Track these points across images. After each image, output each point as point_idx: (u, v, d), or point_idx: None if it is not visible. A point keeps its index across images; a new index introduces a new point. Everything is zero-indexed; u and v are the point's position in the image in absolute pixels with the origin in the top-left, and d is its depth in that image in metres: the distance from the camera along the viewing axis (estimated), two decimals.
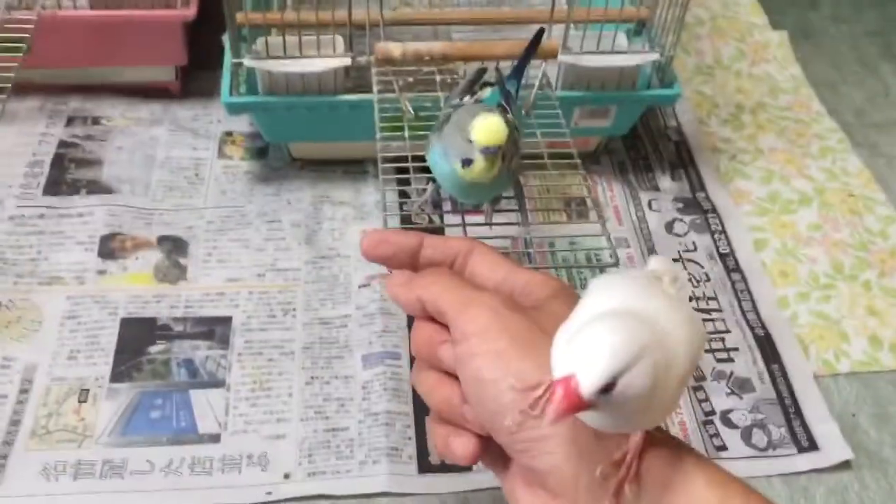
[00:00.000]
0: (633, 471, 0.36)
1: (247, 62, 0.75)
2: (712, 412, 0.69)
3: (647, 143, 0.92)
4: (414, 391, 0.68)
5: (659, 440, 0.37)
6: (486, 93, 0.63)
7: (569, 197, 0.84)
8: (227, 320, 0.72)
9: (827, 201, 0.87)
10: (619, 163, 0.90)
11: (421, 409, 0.67)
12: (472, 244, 0.44)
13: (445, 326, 0.41)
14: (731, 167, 0.90)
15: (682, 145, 0.92)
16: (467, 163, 0.55)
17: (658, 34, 0.79)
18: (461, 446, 0.41)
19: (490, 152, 0.54)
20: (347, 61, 0.75)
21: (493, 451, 0.41)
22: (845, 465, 0.66)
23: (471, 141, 0.54)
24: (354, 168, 0.87)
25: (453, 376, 0.41)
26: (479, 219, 0.65)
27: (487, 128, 0.54)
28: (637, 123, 0.88)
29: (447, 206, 0.80)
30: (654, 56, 0.78)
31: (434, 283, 0.41)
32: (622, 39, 0.82)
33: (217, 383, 0.68)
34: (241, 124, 0.90)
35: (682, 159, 0.91)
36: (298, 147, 0.86)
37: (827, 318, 0.76)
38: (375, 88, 0.72)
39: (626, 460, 0.36)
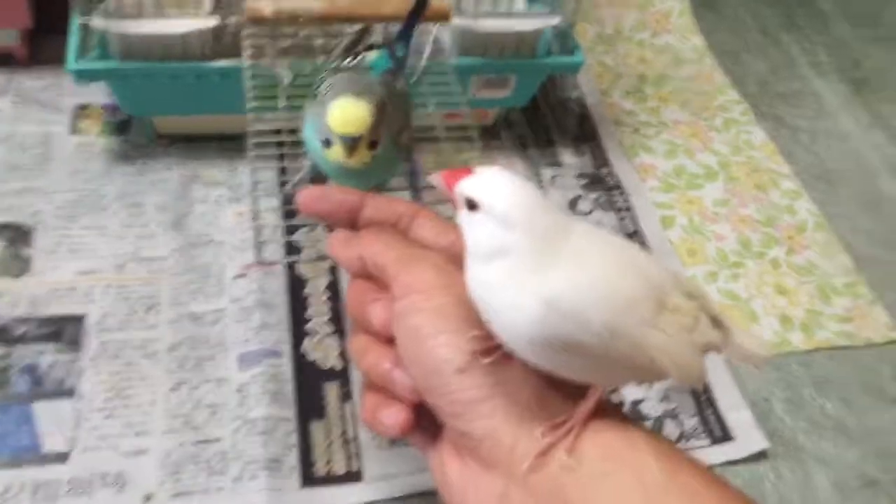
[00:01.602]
0: (573, 435, 0.35)
1: (95, 22, 0.65)
2: (621, 403, 0.64)
3: (549, 116, 0.87)
4: (298, 393, 0.61)
5: (608, 412, 0.36)
6: (372, 56, 0.56)
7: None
8: (78, 319, 0.63)
9: (733, 175, 0.83)
10: (519, 136, 0.84)
11: (305, 412, 0.60)
12: (417, 208, 0.43)
13: (384, 287, 0.39)
14: (635, 141, 0.85)
15: (585, 118, 0.87)
16: (326, 143, 0.48)
17: None
18: (390, 416, 0.39)
19: (347, 141, 0.47)
20: (213, 22, 0.67)
21: (421, 425, 0.39)
22: (760, 456, 0.62)
23: (327, 122, 0.47)
24: (230, 144, 0.78)
25: (385, 340, 0.39)
26: None
27: (343, 115, 0.47)
28: (537, 95, 0.82)
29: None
30: (556, 20, 0.72)
31: (376, 240, 0.40)
32: (520, 3, 0.76)
33: (65, 393, 0.59)
34: (99, 96, 0.80)
35: (584, 133, 0.85)
36: (164, 121, 0.76)
37: (736, 297, 0.72)
38: (246, 53, 0.64)
39: (567, 425, 0.35)
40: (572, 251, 0.33)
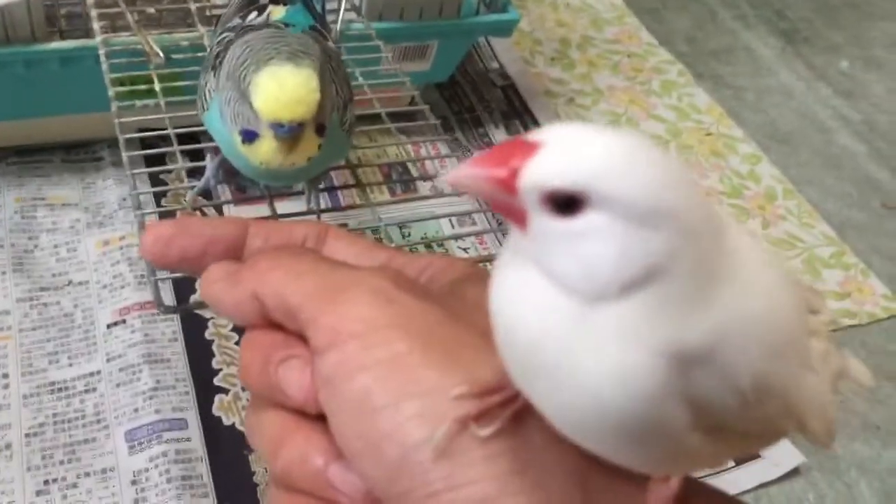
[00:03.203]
0: None
1: None
2: None
3: (470, 93, 0.74)
4: (216, 474, 0.46)
5: (701, 492, 0.23)
6: (280, 12, 0.41)
7: (387, 165, 0.64)
8: None
9: (685, 143, 0.73)
10: (440, 118, 0.70)
11: (229, 499, 0.45)
12: (324, 226, 0.29)
13: (295, 336, 0.25)
14: (571, 112, 0.73)
15: (511, 90, 0.75)
16: (248, 137, 0.33)
17: None
18: None
19: (285, 132, 0.32)
20: None
21: None
22: (794, 472, 0.52)
23: (253, 106, 0.32)
24: (80, 154, 0.61)
25: (309, 417, 0.25)
26: (294, 206, 0.43)
27: (282, 92, 0.31)
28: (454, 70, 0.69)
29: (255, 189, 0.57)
30: None
31: (277, 267, 0.26)
32: None
33: None
34: None
35: (514, 107, 0.73)
36: None
37: None
38: (97, 25, 0.47)
39: None
40: (732, 263, 0.20)
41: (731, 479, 0.51)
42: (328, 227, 0.29)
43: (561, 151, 0.19)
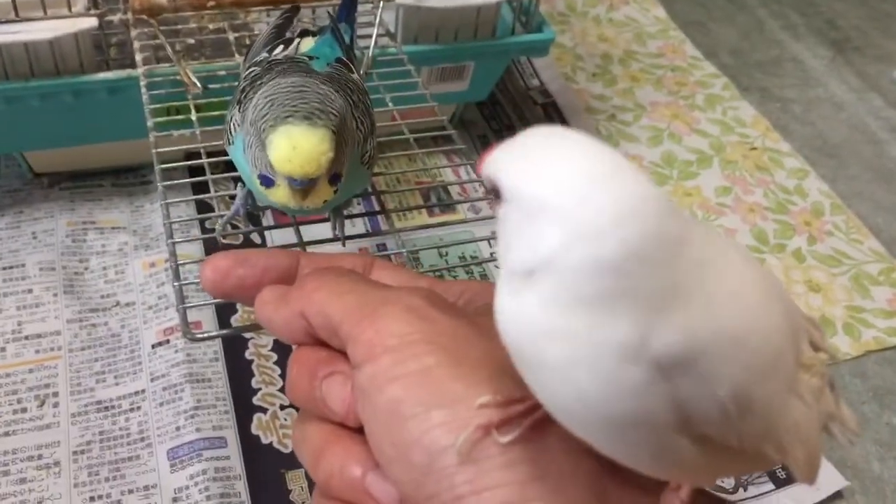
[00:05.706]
0: None
1: None
2: None
3: (510, 110, 0.74)
4: (253, 492, 0.47)
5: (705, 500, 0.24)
6: (309, 44, 0.42)
7: (425, 186, 0.65)
8: None
9: (728, 158, 0.72)
10: (479, 136, 0.71)
11: None
12: (370, 259, 0.31)
13: (338, 353, 0.27)
14: (612, 129, 0.73)
15: (551, 108, 0.75)
16: (266, 182, 0.34)
17: None
18: None
19: (298, 184, 0.34)
20: (93, 22, 0.51)
21: None
22: (836, 496, 0.51)
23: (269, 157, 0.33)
24: (129, 178, 0.63)
25: (351, 429, 0.27)
26: (320, 231, 0.44)
27: (294, 153, 0.33)
28: (493, 88, 0.69)
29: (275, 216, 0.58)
30: None
31: (321, 288, 0.28)
32: None
33: None
34: None
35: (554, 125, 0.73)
36: (40, 157, 0.61)
37: None
38: (139, 57, 0.49)
39: None
40: (690, 269, 0.20)
41: (772, 503, 0.50)
42: (374, 259, 0.31)
43: (502, 148, 0.21)
